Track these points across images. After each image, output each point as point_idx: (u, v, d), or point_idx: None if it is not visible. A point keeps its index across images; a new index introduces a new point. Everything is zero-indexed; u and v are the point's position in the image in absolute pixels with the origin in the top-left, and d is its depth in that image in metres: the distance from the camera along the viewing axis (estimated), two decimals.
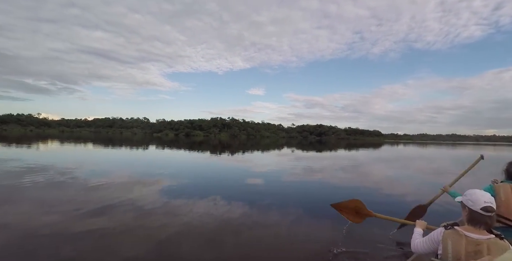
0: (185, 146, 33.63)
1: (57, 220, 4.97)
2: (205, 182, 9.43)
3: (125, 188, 7.88)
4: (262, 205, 6.53)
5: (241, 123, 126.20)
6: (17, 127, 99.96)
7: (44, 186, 7.94)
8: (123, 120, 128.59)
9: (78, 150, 23.52)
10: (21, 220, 4.95)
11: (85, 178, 9.31)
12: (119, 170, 11.62)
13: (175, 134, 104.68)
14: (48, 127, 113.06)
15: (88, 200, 6.41)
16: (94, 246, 3.92)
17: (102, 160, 16.16)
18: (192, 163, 16.15)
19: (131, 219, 5.18)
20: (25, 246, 3.85)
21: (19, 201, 6.28)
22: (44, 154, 19.00)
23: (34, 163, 12.49)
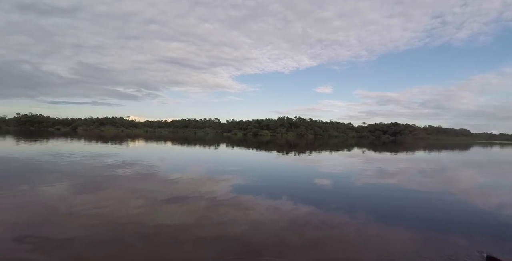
0: (252, 145, 34.66)
1: (141, 206, 5.71)
2: (272, 180, 9.58)
3: (199, 182, 8.53)
4: (329, 206, 6.33)
5: (308, 122, 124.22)
6: (112, 128, 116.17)
7: (132, 177, 9.12)
8: (197, 121, 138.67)
9: (159, 147, 26.28)
10: (114, 203, 5.84)
11: (165, 171, 10.37)
12: (194, 166, 12.63)
13: (243, 133, 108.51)
14: (135, 128, 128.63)
15: (167, 191, 7.14)
16: (169, 231, 4.37)
17: (179, 156, 17.80)
18: (259, 161, 16.57)
19: (203, 210, 5.59)
20: (115, 225, 4.53)
21: (113, 188, 7.44)
22: (132, 150, 21.71)
23: (125, 158, 14.37)
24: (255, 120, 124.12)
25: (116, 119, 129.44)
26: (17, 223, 4.56)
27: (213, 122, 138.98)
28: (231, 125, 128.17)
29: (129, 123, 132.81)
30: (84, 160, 13.17)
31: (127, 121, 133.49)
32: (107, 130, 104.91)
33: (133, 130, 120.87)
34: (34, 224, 4.52)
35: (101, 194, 6.79)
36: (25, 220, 4.69)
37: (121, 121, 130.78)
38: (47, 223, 4.62)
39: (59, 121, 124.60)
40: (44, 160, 12.97)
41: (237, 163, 14.67)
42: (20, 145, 23.52)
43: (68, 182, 7.94)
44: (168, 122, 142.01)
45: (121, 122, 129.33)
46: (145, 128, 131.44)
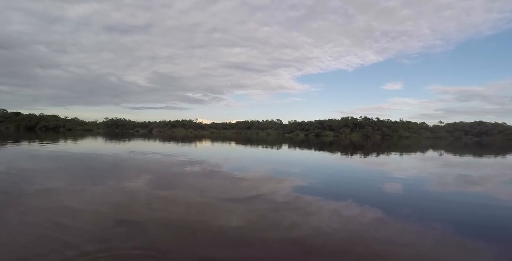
0: (315, 146, 34.04)
1: (207, 202, 6.06)
2: (336, 184, 9.25)
3: (261, 182, 8.72)
4: (399, 214, 5.79)
5: (375, 122, 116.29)
6: (182, 129, 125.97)
7: (200, 174, 9.77)
8: (259, 122, 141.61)
9: (224, 147, 27.59)
10: (182, 198, 6.33)
11: (229, 170, 10.87)
12: (256, 166, 12.96)
13: (305, 134, 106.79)
14: (202, 129, 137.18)
15: (231, 189, 7.47)
16: (232, 229, 4.54)
17: (243, 156, 18.44)
18: (322, 163, 16.21)
19: (264, 210, 5.66)
20: (184, 216, 4.89)
21: (182, 184, 8.08)
22: (199, 150, 23.23)
23: (193, 157, 15.47)
24: (317, 121, 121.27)
25: (186, 122, 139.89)
26: (105, 210, 5.27)
27: (275, 123, 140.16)
28: (293, 126, 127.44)
29: (197, 125, 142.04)
30: (158, 158, 14.59)
31: (195, 123, 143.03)
32: (177, 132, 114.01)
33: (200, 131, 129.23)
34: (118, 212, 5.17)
35: (172, 189, 7.43)
36: (110, 208, 5.40)
37: (190, 123, 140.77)
38: (129, 211, 5.23)
39: (138, 124, 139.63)
40: (126, 157, 14.74)
41: (299, 164, 14.59)
42: (108, 144, 27.12)
43: (145, 177, 8.90)
44: (232, 124, 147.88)
45: (190, 124, 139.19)
46: (211, 129, 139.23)
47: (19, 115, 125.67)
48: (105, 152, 17.66)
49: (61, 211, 5.24)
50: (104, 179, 8.64)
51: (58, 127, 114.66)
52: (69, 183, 7.86)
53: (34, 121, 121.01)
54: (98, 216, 5.02)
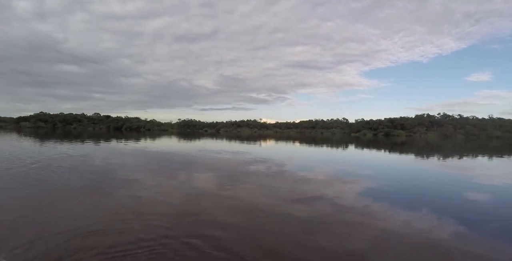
0: (384, 147, 31.66)
1: (270, 202, 6.11)
2: (409, 189, 8.39)
3: (326, 184, 8.48)
4: (486, 228, 4.95)
5: (457, 119, 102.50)
6: (247, 129, 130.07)
7: (264, 173, 9.93)
8: (324, 121, 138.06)
9: (288, 147, 27.58)
10: (246, 197, 6.48)
11: (293, 170, 10.81)
12: (321, 166, 12.64)
13: (374, 133, 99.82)
14: (266, 128, 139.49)
15: (295, 189, 7.42)
16: (294, 231, 4.49)
17: (307, 156, 18.17)
18: (393, 165, 15.00)
19: (329, 213, 5.49)
20: (246, 210, 5.05)
21: (247, 182, 8.30)
22: (264, 149, 23.62)
23: (258, 156, 15.81)
24: (387, 119, 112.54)
25: (250, 121, 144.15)
26: (177, 201, 5.76)
27: (341, 122, 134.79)
28: (360, 124, 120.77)
29: (261, 124, 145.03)
30: (225, 157, 15.28)
31: (259, 123, 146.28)
32: (243, 131, 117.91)
33: (265, 131, 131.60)
34: (187, 204, 5.58)
35: (237, 186, 7.70)
36: (181, 200, 5.87)
37: (255, 123, 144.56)
38: (197, 205, 5.60)
39: (207, 124, 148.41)
40: (197, 155, 15.79)
41: (367, 166, 13.72)
42: (181, 143, 29.46)
43: (213, 174, 9.42)
44: (296, 123, 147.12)
45: (255, 124, 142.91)
46: (275, 129, 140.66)
47: (109, 117, 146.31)
48: (179, 150, 19.23)
49: (141, 198, 5.97)
50: (177, 174, 9.45)
51: (139, 127, 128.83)
52: (148, 176, 8.89)
53: (120, 122, 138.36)
54: (170, 205, 5.54)
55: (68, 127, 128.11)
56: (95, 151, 17.48)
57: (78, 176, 8.62)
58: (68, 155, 14.10)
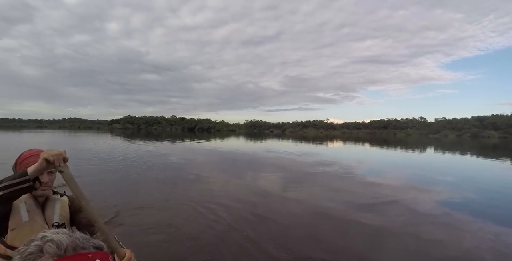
0: (471, 150, 27.52)
1: (336, 206, 5.87)
2: (504, 203, 7.12)
3: (399, 190, 7.81)
4: None
5: None
6: (313, 130, 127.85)
7: (330, 176, 9.65)
8: (397, 121, 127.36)
9: (357, 149, 26.23)
10: (311, 200, 6.34)
11: (362, 174, 10.25)
12: (393, 171, 11.70)
13: (457, 135, 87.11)
14: (333, 129, 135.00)
15: (363, 194, 7.01)
16: (359, 241, 4.23)
17: (378, 159, 17.03)
18: (483, 173, 12.94)
19: (401, 224, 4.98)
20: (310, 213, 4.95)
21: (312, 184, 8.15)
22: (331, 150, 22.95)
23: (324, 157, 15.42)
24: (475, 117, 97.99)
25: (317, 122, 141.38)
26: (242, 199, 5.95)
27: (417, 122, 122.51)
28: (441, 124, 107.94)
29: (328, 125, 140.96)
30: (291, 157, 15.30)
31: (326, 123, 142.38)
32: (308, 132, 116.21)
33: (331, 131, 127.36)
34: (252, 203, 5.74)
35: (302, 189, 7.63)
36: (247, 198, 6.06)
37: (321, 123, 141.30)
38: (261, 204, 5.70)
39: (273, 125, 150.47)
40: (264, 155, 16.16)
41: (449, 173, 12.07)
42: (248, 143, 30.46)
43: (278, 175, 9.52)
44: (365, 123, 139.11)
45: (321, 124, 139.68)
46: (343, 129, 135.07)
47: (184, 119, 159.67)
48: (246, 150, 19.93)
49: (211, 192, 6.44)
50: (244, 172, 9.86)
51: (210, 128, 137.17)
52: (217, 173, 9.51)
53: (193, 124, 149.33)
54: (237, 202, 5.80)
55: (150, 128, 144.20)
56: (172, 149, 19.36)
57: (158, 169, 10.11)
58: (150, 152, 16.23)
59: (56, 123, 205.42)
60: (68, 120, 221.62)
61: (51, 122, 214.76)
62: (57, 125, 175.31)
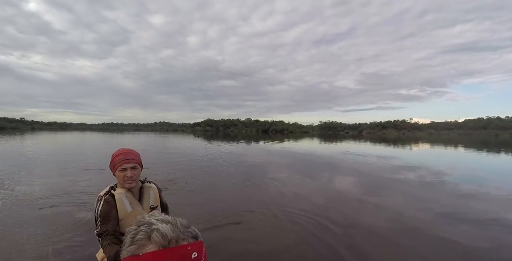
0: None
1: (423, 217, 5.26)
2: None
3: (506, 203, 6.61)
4: None
5: None
6: (393, 131, 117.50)
7: (415, 182, 8.72)
8: (500, 119, 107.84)
9: (448, 153, 23.03)
10: (393, 206, 5.85)
11: (455, 182, 8.97)
12: (498, 180, 9.85)
13: None
14: (418, 130, 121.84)
15: (457, 206, 6.11)
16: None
17: (476, 165, 14.62)
18: None
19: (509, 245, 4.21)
20: (393, 231, 4.51)
21: (392, 190, 7.51)
22: (414, 154, 20.68)
23: (407, 161, 14.03)
24: None
25: (398, 122, 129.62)
26: (316, 203, 5.82)
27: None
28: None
29: (411, 125, 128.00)
30: (369, 161, 14.36)
31: (409, 124, 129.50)
32: (388, 133, 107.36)
33: (415, 132, 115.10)
34: (326, 207, 5.54)
35: (381, 194, 7.09)
36: (320, 202, 5.89)
37: (403, 123, 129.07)
38: (335, 209, 5.49)
39: (349, 126, 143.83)
40: (339, 158, 15.57)
41: None
42: (322, 145, 29.69)
43: (355, 179, 9.06)
44: (458, 123, 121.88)
45: (403, 125, 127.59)
46: (429, 130, 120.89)
47: (258, 121, 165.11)
48: (320, 152, 19.51)
49: (285, 193, 6.50)
50: (318, 175, 9.70)
51: (283, 130, 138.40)
52: (291, 174, 9.62)
53: (267, 125, 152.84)
54: (310, 204, 5.71)
55: (227, 130, 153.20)
56: (247, 150, 20.21)
57: (235, 168, 10.92)
58: (227, 152, 17.28)
59: (149, 126, 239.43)
60: (159, 123, 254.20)
61: (145, 125, 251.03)
62: (150, 128, 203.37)
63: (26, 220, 4.59)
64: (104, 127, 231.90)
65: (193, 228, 0.76)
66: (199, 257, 0.70)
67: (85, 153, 16.91)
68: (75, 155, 15.11)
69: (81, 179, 8.28)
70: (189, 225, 0.75)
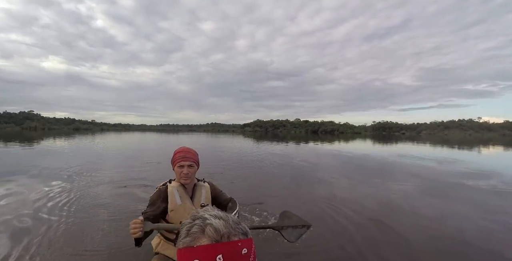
0: None
1: (500, 238, 4.61)
2: None
3: None
4: None
5: None
6: (457, 131, 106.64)
7: (486, 190, 7.79)
8: None
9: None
10: (457, 220, 5.29)
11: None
12: None
13: None
14: (488, 130, 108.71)
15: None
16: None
17: None
18: None
19: None
20: (456, 237, 4.12)
21: (458, 201, 6.72)
22: (485, 158, 18.52)
23: (477, 166, 12.65)
24: None
25: (463, 122, 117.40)
26: (368, 208, 5.56)
27: None
28: None
29: (480, 125, 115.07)
30: (429, 165, 13.28)
31: (477, 123, 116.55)
32: (451, 134, 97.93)
33: (485, 133, 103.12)
34: (378, 213, 5.26)
35: (443, 203, 6.46)
36: (372, 207, 5.63)
37: (470, 123, 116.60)
38: (388, 216, 5.18)
39: (405, 126, 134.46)
40: (394, 160, 14.69)
41: None
42: (375, 146, 28.19)
43: (412, 184, 8.39)
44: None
45: (470, 125, 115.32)
46: (503, 130, 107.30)
47: (307, 122, 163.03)
48: (374, 154, 18.54)
49: (335, 197, 6.29)
50: (370, 179, 9.17)
51: (333, 130, 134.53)
52: (341, 177, 9.29)
53: (316, 126, 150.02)
54: (361, 210, 5.44)
55: (276, 130, 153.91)
56: (296, 151, 20.13)
57: (284, 169, 10.91)
58: (275, 152, 17.54)
59: (202, 127, 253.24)
60: (211, 124, 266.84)
61: (198, 126, 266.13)
62: (202, 129, 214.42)
63: (108, 196, 6.26)
64: (161, 128, 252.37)
65: (243, 225, 0.79)
66: (249, 253, 0.73)
67: (147, 149, 20.01)
68: (139, 151, 18.21)
69: (144, 169, 10.25)
70: (239, 222, 0.79)
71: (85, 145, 23.47)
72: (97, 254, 3.43)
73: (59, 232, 4.06)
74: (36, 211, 4.96)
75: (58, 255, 3.38)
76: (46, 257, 3.32)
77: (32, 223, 4.37)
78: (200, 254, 0.68)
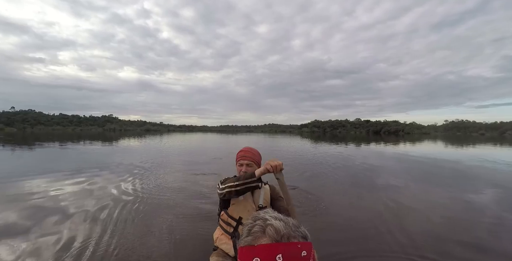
0: None
1: None
2: None
3: None
4: None
5: None
6: None
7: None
8: None
9: None
10: None
11: None
12: None
13: None
14: None
15: None
16: None
17: None
18: None
19: None
20: None
21: None
22: None
23: None
24: None
25: None
26: (440, 219, 5.18)
27: None
28: None
29: None
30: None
31: None
32: None
33: None
34: (454, 227, 4.89)
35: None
36: (444, 220, 5.21)
37: None
38: (468, 230, 4.78)
39: (485, 126, 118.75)
40: (473, 165, 13.17)
41: None
42: (448, 149, 25.44)
43: (492, 193, 7.52)
44: None
45: None
46: None
47: (369, 122, 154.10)
48: (446, 157, 16.85)
49: (400, 205, 5.91)
50: (441, 185, 8.33)
51: (397, 131, 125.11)
52: (407, 182, 8.54)
53: (379, 126, 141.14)
54: (429, 222, 5.03)
55: (334, 131, 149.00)
56: (355, 152, 19.34)
57: (344, 172, 10.52)
58: (334, 153, 17.42)
59: (259, 128, 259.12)
60: (268, 125, 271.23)
61: (256, 127, 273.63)
62: (260, 129, 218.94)
63: (182, 181, 8.08)
64: (221, 129, 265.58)
65: (303, 228, 0.81)
66: (308, 256, 0.75)
67: (210, 147, 23.57)
68: (203, 148, 21.86)
69: (209, 162, 12.72)
70: (299, 225, 0.82)
71: (156, 145, 26.93)
72: (165, 239, 3.90)
73: (140, 208, 5.31)
74: (120, 193, 6.45)
75: (135, 228, 4.24)
76: (127, 230, 4.14)
77: (113, 204, 5.51)
78: (260, 252, 0.71)
